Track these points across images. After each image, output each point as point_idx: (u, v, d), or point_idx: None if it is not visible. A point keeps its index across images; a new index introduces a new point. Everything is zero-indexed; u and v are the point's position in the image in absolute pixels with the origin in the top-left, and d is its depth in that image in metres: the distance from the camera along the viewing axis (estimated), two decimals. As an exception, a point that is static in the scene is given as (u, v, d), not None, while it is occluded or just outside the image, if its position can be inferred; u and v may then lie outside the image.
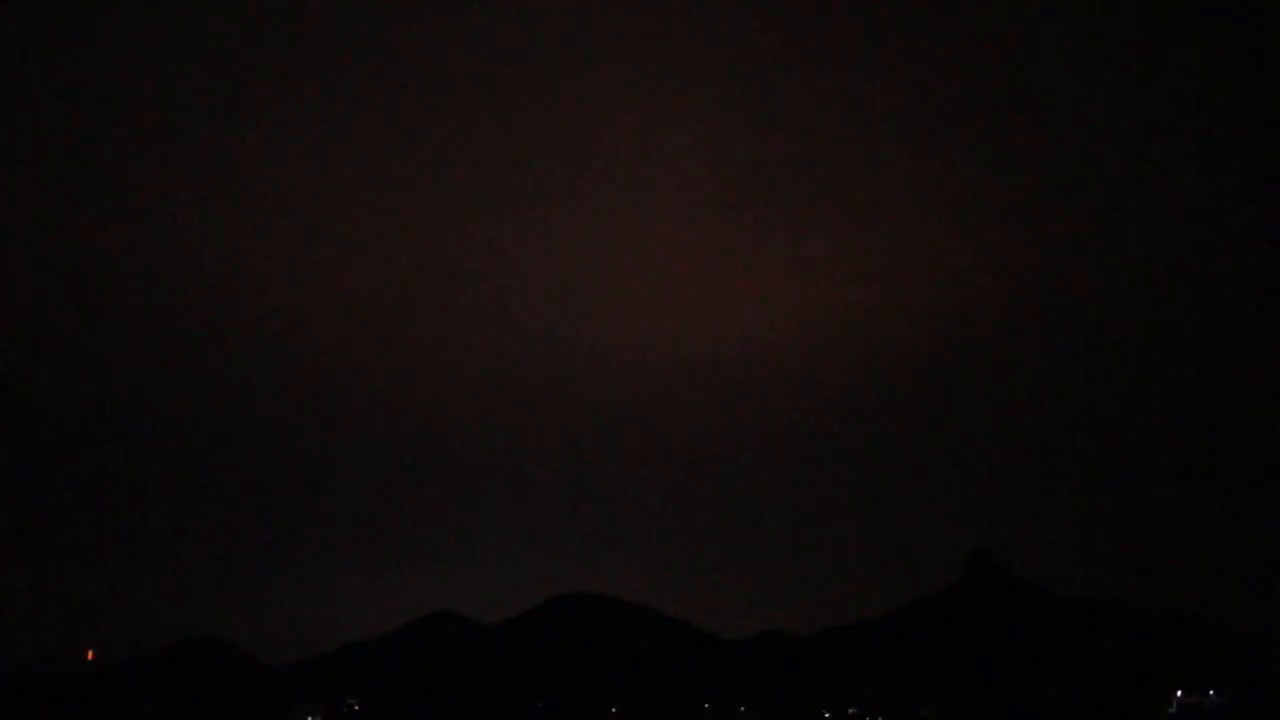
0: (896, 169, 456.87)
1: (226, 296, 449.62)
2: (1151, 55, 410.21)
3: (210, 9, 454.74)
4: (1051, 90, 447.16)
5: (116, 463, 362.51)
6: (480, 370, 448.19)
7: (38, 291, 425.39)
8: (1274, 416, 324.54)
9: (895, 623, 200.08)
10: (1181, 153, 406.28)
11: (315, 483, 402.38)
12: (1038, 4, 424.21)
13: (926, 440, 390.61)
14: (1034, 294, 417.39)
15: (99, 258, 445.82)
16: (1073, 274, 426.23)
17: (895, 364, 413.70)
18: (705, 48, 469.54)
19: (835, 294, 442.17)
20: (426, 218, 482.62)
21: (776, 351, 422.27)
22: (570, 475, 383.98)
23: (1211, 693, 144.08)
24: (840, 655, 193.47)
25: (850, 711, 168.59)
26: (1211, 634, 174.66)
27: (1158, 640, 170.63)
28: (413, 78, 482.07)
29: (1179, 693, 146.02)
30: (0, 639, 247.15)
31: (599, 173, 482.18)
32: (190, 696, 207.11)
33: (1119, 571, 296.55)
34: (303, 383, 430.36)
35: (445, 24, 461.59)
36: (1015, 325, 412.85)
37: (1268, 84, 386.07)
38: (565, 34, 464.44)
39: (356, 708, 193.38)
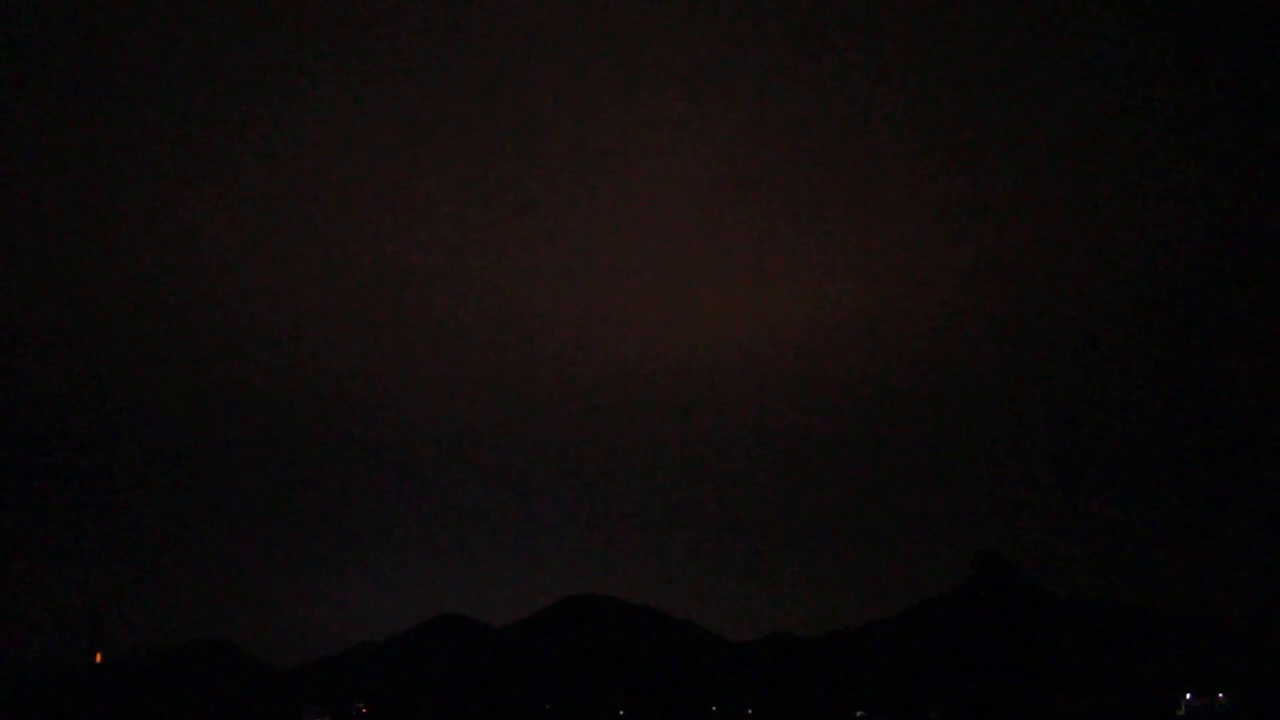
0: (896, 169, 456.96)
1: (228, 296, 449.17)
2: (1151, 55, 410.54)
3: (210, 8, 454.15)
4: (1052, 90, 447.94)
5: (123, 463, 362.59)
6: (483, 371, 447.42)
7: (38, 291, 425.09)
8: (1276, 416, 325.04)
9: (903, 625, 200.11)
10: (1183, 152, 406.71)
11: (322, 485, 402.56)
12: (1038, 4, 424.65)
13: (932, 441, 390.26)
14: (1034, 294, 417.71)
15: (99, 257, 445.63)
16: (1073, 274, 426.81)
17: (897, 364, 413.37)
18: (704, 48, 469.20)
19: (835, 294, 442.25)
20: (426, 218, 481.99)
21: (778, 351, 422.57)
22: (576, 477, 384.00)
23: (1221, 695, 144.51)
24: (848, 657, 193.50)
25: (858, 714, 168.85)
26: (1221, 636, 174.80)
27: (1167, 642, 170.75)
28: (413, 78, 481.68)
29: (1188, 695, 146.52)
30: (7, 641, 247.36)
31: (599, 173, 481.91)
32: (198, 698, 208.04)
33: (1127, 573, 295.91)
34: (310, 383, 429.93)
35: (446, 24, 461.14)
36: (1016, 325, 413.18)
37: (1268, 84, 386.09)
38: (565, 34, 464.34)
39: (364, 710, 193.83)
